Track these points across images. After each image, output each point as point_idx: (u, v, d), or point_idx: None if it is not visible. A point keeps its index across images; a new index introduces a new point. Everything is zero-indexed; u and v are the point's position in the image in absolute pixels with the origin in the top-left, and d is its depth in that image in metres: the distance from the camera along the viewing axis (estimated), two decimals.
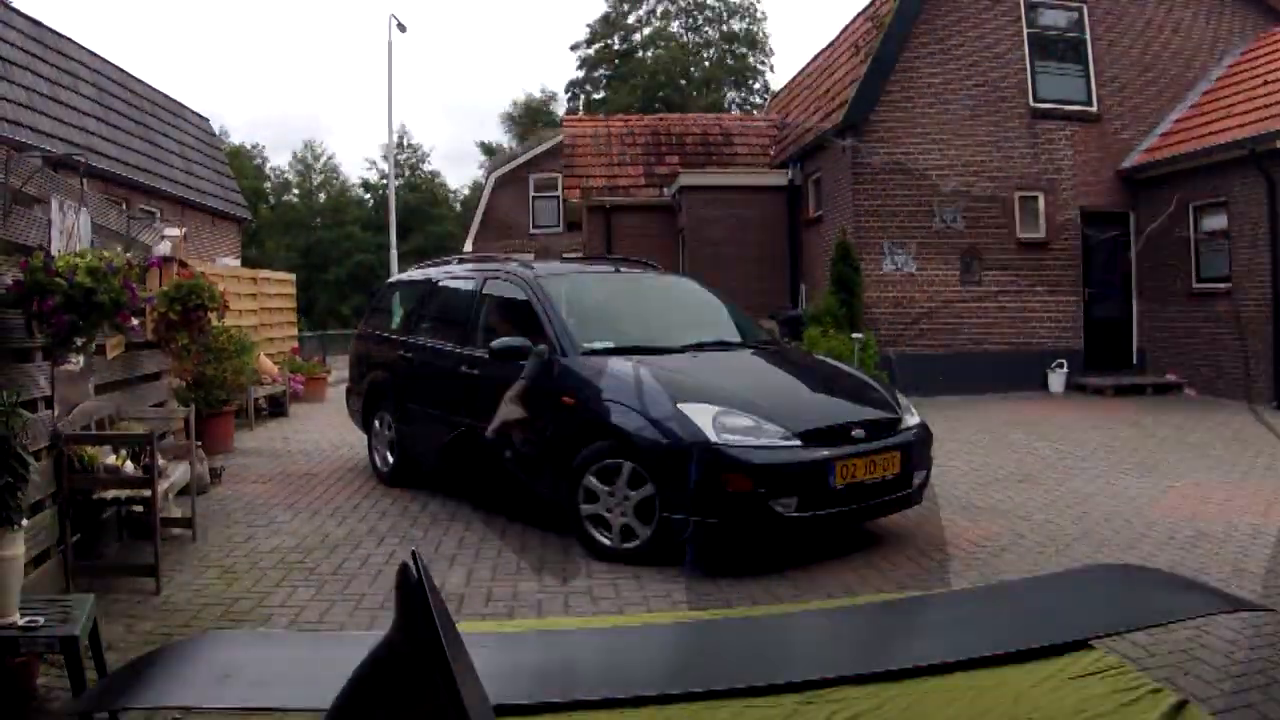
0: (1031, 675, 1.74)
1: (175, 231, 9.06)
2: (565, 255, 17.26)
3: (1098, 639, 1.86)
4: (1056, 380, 13.00)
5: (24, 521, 2.98)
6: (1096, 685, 1.66)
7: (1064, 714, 1.61)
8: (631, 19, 42.97)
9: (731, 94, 42.85)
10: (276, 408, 11.90)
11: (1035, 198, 13.30)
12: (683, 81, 41.77)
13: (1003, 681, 1.70)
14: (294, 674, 2.04)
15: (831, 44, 16.57)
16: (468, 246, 25.25)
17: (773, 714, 1.62)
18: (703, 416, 4.95)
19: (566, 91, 43.94)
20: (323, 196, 45.04)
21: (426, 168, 45.90)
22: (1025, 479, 7.23)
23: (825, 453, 4.96)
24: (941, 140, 13.15)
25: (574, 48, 43.73)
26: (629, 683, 1.77)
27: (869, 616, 2.31)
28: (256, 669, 2.08)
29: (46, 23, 14.10)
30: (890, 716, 1.65)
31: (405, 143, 43.62)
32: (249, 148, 44.88)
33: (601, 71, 43.33)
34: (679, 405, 5.04)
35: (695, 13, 43.34)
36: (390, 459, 7.34)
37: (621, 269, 7.46)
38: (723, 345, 6.28)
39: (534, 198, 25.58)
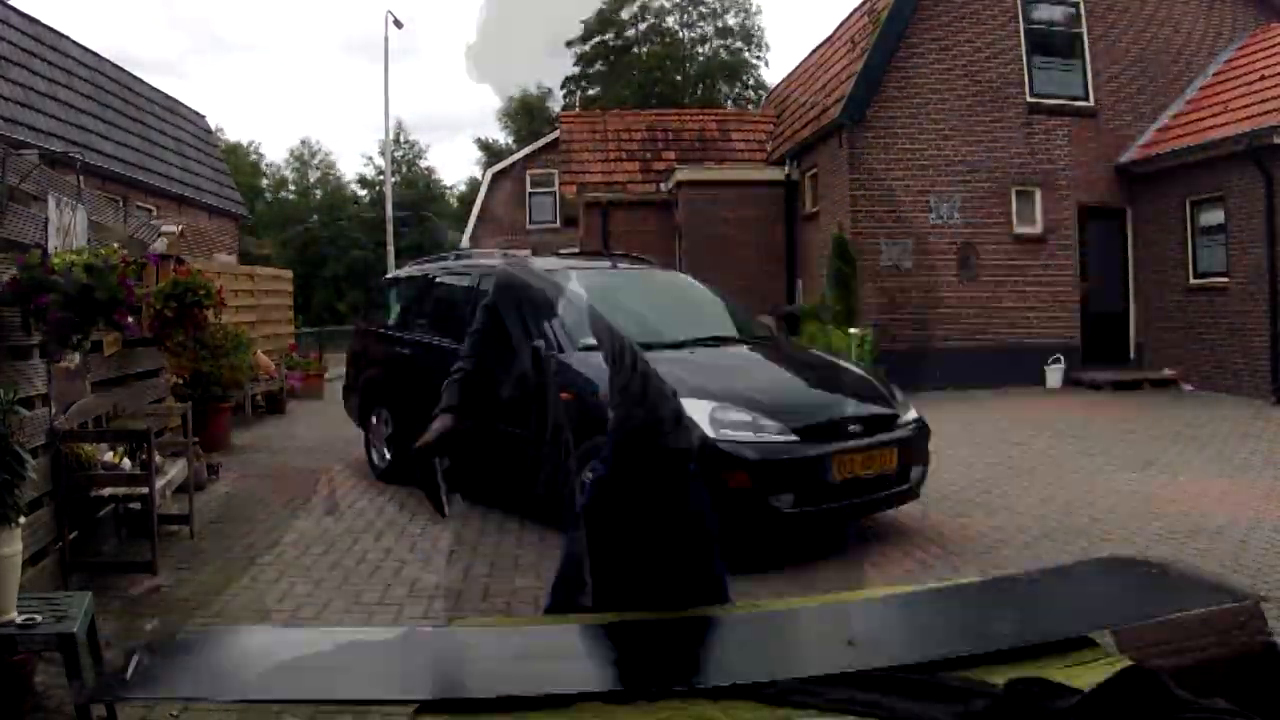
0: (1023, 668, 1.77)
1: (172, 228, 9.07)
2: (562, 251, 17.21)
3: (1100, 632, 1.88)
4: (1054, 375, 12.98)
5: (21, 519, 2.98)
6: (1083, 675, 1.69)
7: None
8: (626, 14, 42.87)
9: (728, 89, 42.78)
10: (273, 404, 11.89)
11: (1032, 192, 13.30)
12: (678, 77, 41.70)
13: (992, 674, 1.73)
14: (294, 668, 2.05)
15: (828, 39, 16.57)
16: (464, 243, 25.20)
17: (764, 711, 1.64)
18: (700, 412, 4.94)
19: (562, 88, 43.87)
20: (319, 193, 44.97)
21: (423, 164, 45.83)
22: (1023, 474, 7.24)
23: (823, 448, 4.96)
24: (938, 135, 13.14)
25: (569, 44, 43.67)
26: (624, 678, 1.78)
27: (867, 611, 2.33)
28: (257, 663, 2.09)
29: (43, 20, 14.10)
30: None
31: (401, 139, 43.53)
32: (245, 144, 44.86)
33: (598, 67, 43.23)
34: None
35: (690, 8, 43.25)
36: (387, 455, 7.34)
37: (618, 265, 7.45)
38: (720, 341, 6.27)
39: (530, 193, 25.51)
